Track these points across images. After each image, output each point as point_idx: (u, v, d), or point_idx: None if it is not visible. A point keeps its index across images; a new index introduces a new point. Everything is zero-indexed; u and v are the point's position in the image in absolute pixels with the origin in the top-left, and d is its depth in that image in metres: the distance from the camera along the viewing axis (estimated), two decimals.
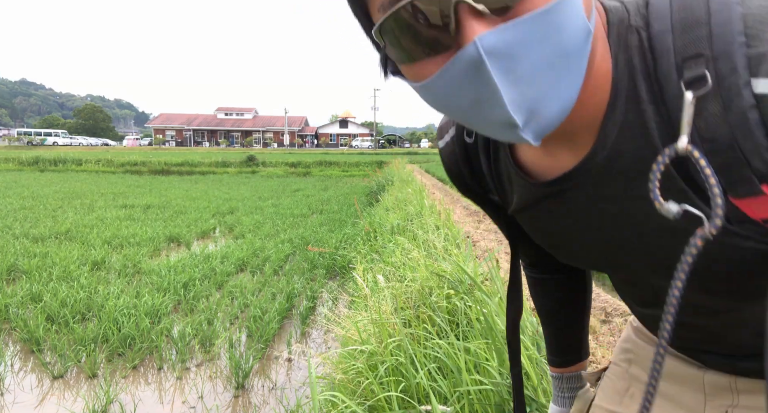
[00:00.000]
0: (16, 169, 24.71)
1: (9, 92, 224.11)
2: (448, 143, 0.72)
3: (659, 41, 0.44)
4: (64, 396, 3.34)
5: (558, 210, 0.58)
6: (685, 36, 0.43)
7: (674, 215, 0.43)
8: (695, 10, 0.43)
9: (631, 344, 0.83)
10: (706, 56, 0.41)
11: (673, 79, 0.43)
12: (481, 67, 0.38)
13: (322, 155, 34.64)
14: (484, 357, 1.95)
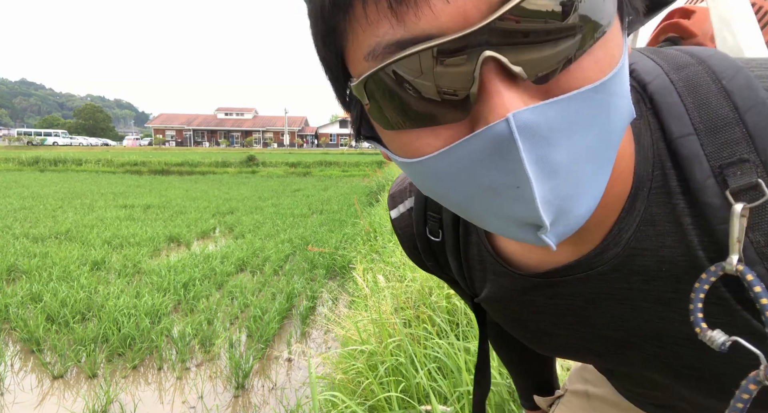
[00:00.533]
0: (16, 169, 24.71)
1: (9, 92, 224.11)
2: (403, 216, 0.64)
3: (683, 145, 0.39)
4: (64, 396, 3.34)
5: (544, 303, 0.52)
6: (715, 138, 0.37)
7: (720, 347, 0.37)
8: (717, 107, 0.38)
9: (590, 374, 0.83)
10: (752, 161, 0.36)
11: (711, 187, 0.37)
12: (511, 151, 0.30)
13: (322, 155, 34.64)
14: None
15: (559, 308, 0.51)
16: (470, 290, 0.61)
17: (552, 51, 0.29)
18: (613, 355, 0.52)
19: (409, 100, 0.32)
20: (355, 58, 0.34)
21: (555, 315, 0.52)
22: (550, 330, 0.54)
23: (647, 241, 0.41)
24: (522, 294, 0.53)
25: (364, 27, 0.31)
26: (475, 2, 0.28)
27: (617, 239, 0.43)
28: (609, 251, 0.43)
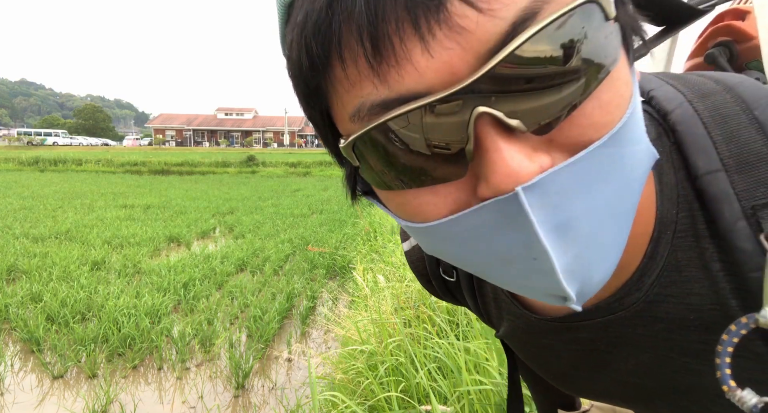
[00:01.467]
0: (16, 169, 24.71)
1: (9, 92, 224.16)
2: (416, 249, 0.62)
3: (710, 183, 0.35)
4: (64, 396, 3.34)
5: (563, 347, 0.49)
6: (747, 176, 0.34)
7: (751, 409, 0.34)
8: (748, 140, 0.34)
9: None
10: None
11: (742, 229, 0.34)
12: (524, 223, 0.28)
13: (322, 155, 34.61)
14: (484, 357, 1.95)
15: (579, 353, 0.48)
16: (489, 325, 0.60)
17: (551, 99, 0.27)
18: (641, 403, 0.49)
19: (401, 161, 0.30)
20: (341, 117, 0.32)
21: (575, 359, 0.49)
22: (571, 373, 0.52)
23: (672, 287, 0.39)
24: (540, 337, 0.50)
25: (346, 87, 0.29)
26: (461, 55, 0.26)
27: (639, 285, 0.40)
28: (630, 296, 0.41)
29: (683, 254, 0.37)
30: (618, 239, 0.32)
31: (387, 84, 0.27)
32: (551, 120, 0.27)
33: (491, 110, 0.27)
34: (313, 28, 0.28)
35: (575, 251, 0.29)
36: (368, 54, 0.27)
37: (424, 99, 0.27)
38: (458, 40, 0.26)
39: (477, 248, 0.31)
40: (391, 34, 0.26)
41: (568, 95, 0.27)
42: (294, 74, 0.32)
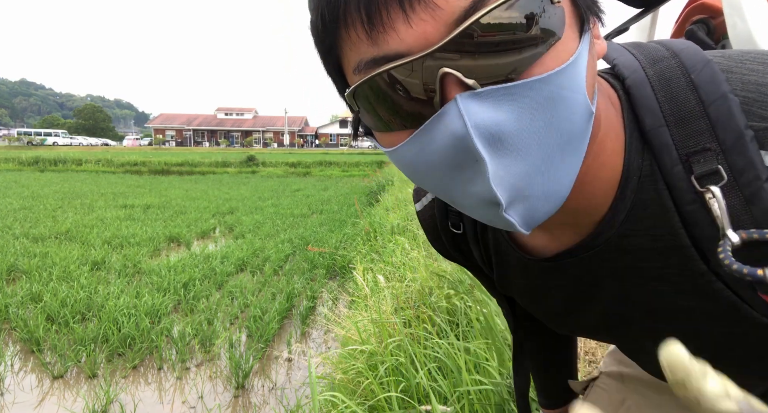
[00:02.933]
0: (16, 169, 24.70)
1: (9, 92, 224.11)
2: (426, 208, 0.68)
3: (655, 136, 0.43)
4: (64, 396, 3.34)
5: (555, 285, 0.56)
6: (683, 129, 0.41)
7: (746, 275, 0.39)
8: (685, 101, 0.41)
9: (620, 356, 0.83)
10: (713, 150, 0.40)
11: (679, 173, 0.42)
12: (463, 131, 0.34)
13: (322, 155, 34.62)
14: (484, 357, 1.95)
15: (568, 289, 0.55)
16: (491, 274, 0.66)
17: (502, 63, 0.34)
18: (622, 331, 0.56)
19: (388, 108, 0.38)
20: (348, 71, 0.40)
21: (566, 296, 0.56)
22: (564, 310, 0.59)
23: (639, 223, 0.45)
24: (535, 278, 0.57)
25: (350, 46, 0.37)
26: (434, 25, 0.34)
27: (612, 223, 0.47)
28: (606, 232, 0.47)
29: (646, 195, 0.45)
30: (554, 169, 0.38)
31: (377, 45, 0.35)
32: (500, 80, 0.35)
33: (452, 70, 0.34)
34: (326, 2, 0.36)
35: (506, 160, 0.35)
36: (364, 21, 0.35)
37: (403, 59, 0.35)
38: (432, 13, 0.33)
39: (435, 162, 0.38)
40: (380, 7, 0.34)
41: (516, 61, 0.34)
42: (314, 34, 0.40)
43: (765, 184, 0.38)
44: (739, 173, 0.39)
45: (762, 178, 0.38)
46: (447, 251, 0.70)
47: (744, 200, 0.39)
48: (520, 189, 0.37)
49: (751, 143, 0.38)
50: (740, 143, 0.39)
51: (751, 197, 0.39)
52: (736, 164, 0.39)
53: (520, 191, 0.37)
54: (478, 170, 0.35)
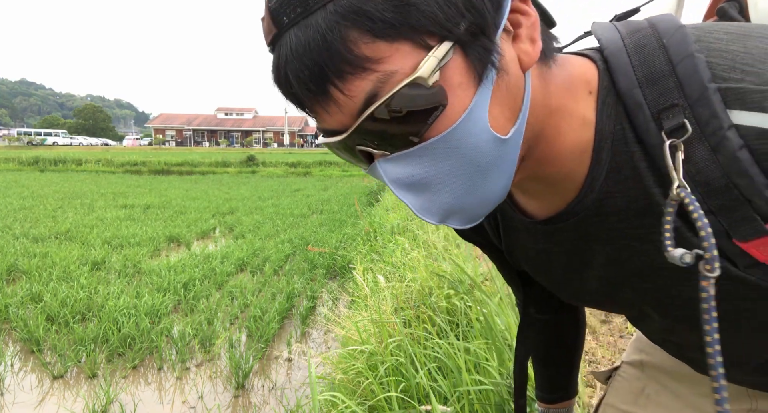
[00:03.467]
0: (16, 169, 24.70)
1: (9, 92, 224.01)
2: None
3: (629, 97, 0.46)
4: (64, 396, 3.34)
5: (554, 250, 0.60)
6: (654, 89, 0.44)
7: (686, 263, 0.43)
8: (656, 63, 0.44)
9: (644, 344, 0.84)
10: (681, 105, 0.43)
11: (652, 129, 0.45)
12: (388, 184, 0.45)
13: (322, 155, 34.59)
14: (484, 357, 1.95)
15: (565, 254, 0.59)
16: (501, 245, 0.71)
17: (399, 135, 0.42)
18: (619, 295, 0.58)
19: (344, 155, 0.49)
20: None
21: (565, 260, 0.60)
22: (565, 277, 0.63)
23: (616, 185, 0.49)
24: (536, 242, 0.62)
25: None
26: (345, 116, 0.43)
27: (592, 187, 0.50)
28: (587, 197, 0.51)
29: (620, 158, 0.48)
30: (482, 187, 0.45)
31: (318, 122, 0.47)
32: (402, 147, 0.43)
33: (364, 147, 0.45)
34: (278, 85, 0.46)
35: (428, 196, 0.45)
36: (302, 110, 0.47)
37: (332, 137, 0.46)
38: (340, 109, 0.43)
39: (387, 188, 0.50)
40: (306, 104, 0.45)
41: (409, 132, 0.42)
42: None
43: (727, 132, 0.40)
44: (705, 125, 0.42)
45: (724, 127, 0.41)
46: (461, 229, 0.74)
47: (710, 149, 0.42)
48: (450, 209, 0.46)
49: (714, 95, 0.41)
50: (704, 96, 0.41)
51: (717, 146, 0.41)
52: (701, 116, 0.42)
53: (449, 211, 0.46)
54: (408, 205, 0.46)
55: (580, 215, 0.53)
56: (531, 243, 0.63)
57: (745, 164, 0.40)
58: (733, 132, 0.40)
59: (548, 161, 0.50)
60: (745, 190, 0.41)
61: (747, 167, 0.40)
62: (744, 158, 0.40)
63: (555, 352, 0.94)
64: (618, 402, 0.85)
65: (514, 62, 0.44)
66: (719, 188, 0.42)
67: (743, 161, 0.40)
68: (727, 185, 0.42)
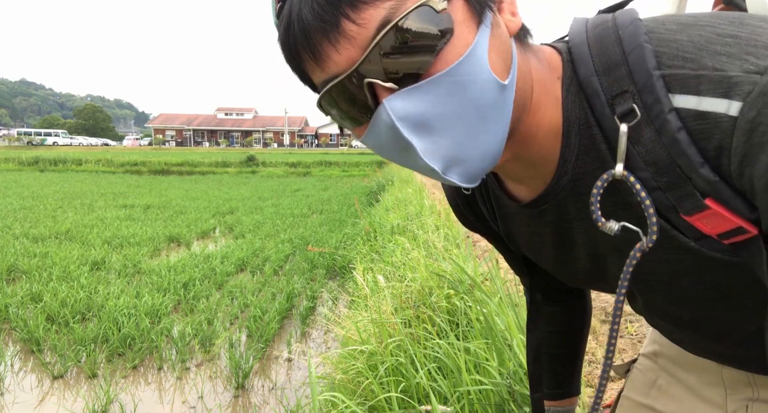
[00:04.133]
0: (16, 169, 24.70)
1: (9, 92, 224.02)
2: None
3: (587, 85, 0.50)
4: (64, 396, 3.34)
5: (544, 232, 0.63)
6: (608, 77, 0.48)
7: (615, 233, 0.50)
8: (611, 53, 0.48)
9: (658, 335, 0.85)
10: (630, 92, 0.46)
11: (607, 114, 0.48)
12: (392, 123, 0.44)
13: (322, 155, 34.61)
14: (484, 357, 1.95)
15: (554, 235, 0.62)
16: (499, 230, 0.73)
17: (410, 66, 0.44)
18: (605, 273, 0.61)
19: (344, 113, 0.49)
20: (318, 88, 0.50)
21: (554, 241, 0.63)
22: (558, 259, 0.66)
23: (585, 166, 0.52)
24: (526, 225, 0.65)
25: (310, 72, 0.49)
26: (355, 50, 0.44)
27: (565, 168, 0.54)
28: (562, 178, 0.55)
29: (586, 141, 0.51)
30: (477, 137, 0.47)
31: (324, 71, 0.47)
32: (412, 80, 0.44)
33: (373, 79, 0.44)
34: (283, 43, 0.48)
35: (433, 139, 0.46)
36: (310, 57, 0.47)
37: (340, 77, 0.46)
38: (351, 42, 0.44)
39: (387, 148, 0.49)
40: (316, 44, 0.45)
41: (419, 62, 0.44)
42: (288, 66, 0.51)
43: (668, 115, 0.44)
44: (650, 109, 0.45)
45: (665, 111, 0.44)
46: (464, 215, 0.78)
47: (656, 131, 0.45)
48: (453, 157, 0.47)
49: (657, 81, 0.44)
50: (650, 82, 0.45)
51: (660, 129, 0.45)
52: (647, 101, 0.45)
53: (453, 158, 0.47)
54: (413, 150, 0.45)
55: (558, 196, 0.56)
56: (523, 227, 0.66)
57: (683, 144, 0.44)
58: (674, 115, 0.44)
59: (529, 139, 0.53)
60: (685, 168, 0.44)
61: (685, 148, 0.44)
62: (682, 139, 0.44)
63: (560, 344, 0.94)
64: (633, 395, 0.86)
65: (503, 24, 0.49)
66: (665, 166, 0.46)
67: (681, 142, 0.44)
68: (671, 164, 0.45)
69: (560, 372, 0.95)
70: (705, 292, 0.53)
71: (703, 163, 0.43)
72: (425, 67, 0.44)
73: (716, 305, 0.54)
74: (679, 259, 0.50)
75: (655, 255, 0.51)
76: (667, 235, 0.49)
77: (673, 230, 0.49)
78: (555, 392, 0.96)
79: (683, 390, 0.78)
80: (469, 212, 0.76)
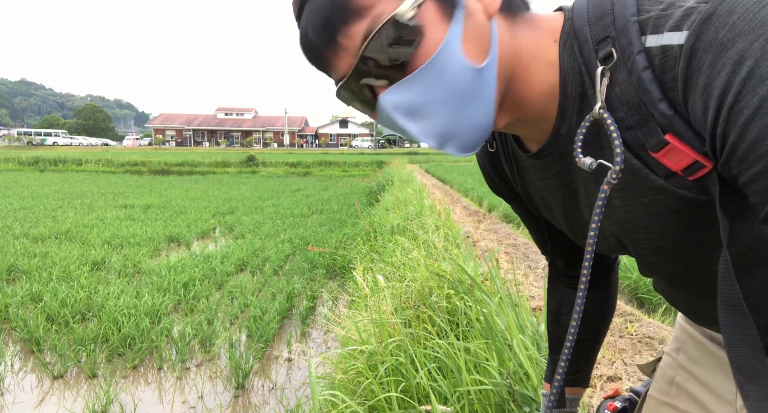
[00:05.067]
0: (16, 169, 24.70)
1: (9, 92, 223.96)
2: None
3: (580, 33, 0.54)
4: (64, 396, 3.34)
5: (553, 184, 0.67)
6: (597, 25, 0.52)
7: (589, 167, 0.53)
8: (603, 4, 0.52)
9: (679, 332, 0.85)
10: (612, 37, 0.50)
11: (593, 59, 0.52)
12: (390, 113, 0.53)
13: (322, 155, 34.61)
14: (484, 357, 1.95)
15: (559, 187, 0.66)
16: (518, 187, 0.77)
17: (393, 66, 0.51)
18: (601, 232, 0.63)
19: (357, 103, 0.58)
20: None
21: (560, 194, 0.67)
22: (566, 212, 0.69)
23: (581, 113, 0.55)
24: (538, 179, 0.69)
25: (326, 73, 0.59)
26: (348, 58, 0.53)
27: (564, 117, 0.57)
28: (562, 127, 0.58)
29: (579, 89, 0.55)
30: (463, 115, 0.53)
31: (333, 73, 0.57)
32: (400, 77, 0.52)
33: (366, 80, 0.54)
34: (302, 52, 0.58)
35: (425, 122, 0.53)
36: (320, 65, 0.58)
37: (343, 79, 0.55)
38: (345, 52, 0.53)
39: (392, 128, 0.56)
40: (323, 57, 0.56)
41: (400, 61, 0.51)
42: None
43: (636, 56, 0.47)
44: (624, 51, 0.49)
45: (635, 52, 0.48)
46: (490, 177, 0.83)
47: (627, 72, 0.49)
48: (445, 134, 0.54)
49: (633, 26, 0.48)
50: (626, 27, 0.49)
51: (631, 68, 0.48)
52: (622, 44, 0.49)
53: (445, 135, 0.54)
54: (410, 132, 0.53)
55: (560, 146, 0.60)
56: (536, 182, 0.70)
57: (645, 82, 0.47)
58: (642, 56, 0.47)
59: (523, 101, 0.57)
60: (648, 105, 0.48)
61: (647, 85, 0.47)
62: (645, 77, 0.47)
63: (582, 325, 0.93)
64: (655, 393, 0.87)
65: (479, 11, 0.53)
66: (635, 105, 0.49)
67: (644, 80, 0.47)
68: (639, 103, 0.49)
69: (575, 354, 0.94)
70: (682, 236, 0.55)
71: (662, 98, 0.47)
72: (405, 64, 0.51)
73: (695, 252, 0.56)
74: (652, 201, 0.53)
75: (630, 199, 0.55)
76: (639, 175, 0.52)
77: (644, 169, 0.52)
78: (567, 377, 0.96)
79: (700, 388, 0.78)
80: (494, 173, 0.81)
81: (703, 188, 0.49)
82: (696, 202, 0.50)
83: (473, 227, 6.65)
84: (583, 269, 0.57)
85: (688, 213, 0.52)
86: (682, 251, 0.57)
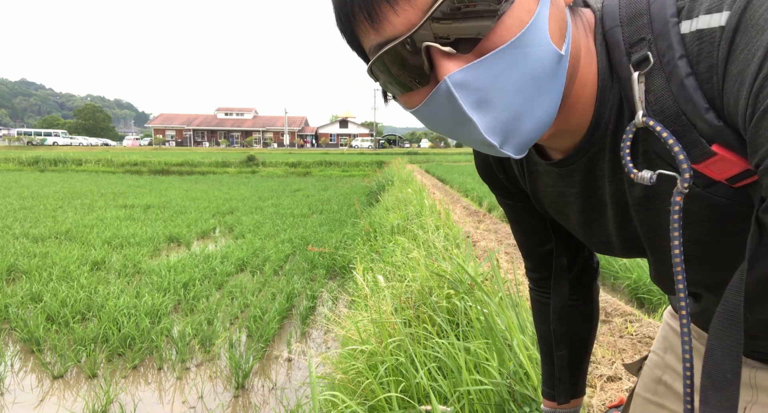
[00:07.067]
0: (16, 169, 24.70)
1: (9, 92, 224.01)
2: None
3: (611, 36, 0.50)
4: (64, 396, 3.34)
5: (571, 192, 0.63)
6: (630, 27, 0.48)
7: (649, 180, 0.49)
8: (637, 3, 0.48)
9: (667, 331, 0.85)
10: (648, 39, 0.46)
11: (624, 63, 0.48)
12: (454, 100, 0.44)
13: (322, 155, 34.61)
14: (484, 357, 1.95)
15: (581, 196, 0.62)
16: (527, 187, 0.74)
17: (469, 31, 0.42)
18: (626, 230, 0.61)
19: (395, 77, 0.47)
20: (369, 53, 0.48)
21: (580, 202, 0.63)
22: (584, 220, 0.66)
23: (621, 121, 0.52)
24: (554, 185, 0.65)
25: (362, 36, 0.47)
26: (415, 12, 0.42)
27: (599, 122, 0.53)
28: (596, 132, 0.54)
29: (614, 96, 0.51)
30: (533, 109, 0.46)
31: (379, 33, 0.45)
32: (471, 45, 0.43)
33: (431, 43, 0.43)
34: (338, 3, 0.47)
35: (492, 115, 0.45)
36: (366, 17, 0.44)
37: (397, 40, 0.44)
38: (410, 4, 0.42)
39: (441, 121, 0.48)
40: (374, 5, 0.43)
41: (480, 27, 0.42)
42: (338, 28, 0.50)
43: (678, 61, 0.43)
44: (662, 55, 0.45)
45: (676, 57, 0.44)
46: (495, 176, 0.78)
47: (665, 78, 0.45)
48: (510, 131, 0.46)
49: (673, 28, 0.44)
50: (665, 29, 0.44)
51: (670, 75, 0.45)
52: (660, 47, 0.45)
53: (510, 133, 0.46)
54: (474, 126, 0.45)
55: (590, 153, 0.56)
56: (550, 187, 0.66)
57: (689, 90, 0.43)
58: (684, 62, 0.43)
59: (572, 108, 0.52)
60: (690, 115, 0.44)
61: (691, 93, 0.43)
62: (689, 85, 0.43)
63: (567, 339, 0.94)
64: (642, 391, 0.86)
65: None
66: (672, 115, 0.45)
67: (688, 88, 0.43)
68: (677, 112, 0.45)
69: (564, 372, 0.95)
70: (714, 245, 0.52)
71: (708, 109, 0.43)
72: (485, 32, 0.42)
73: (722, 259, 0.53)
74: (687, 209, 0.49)
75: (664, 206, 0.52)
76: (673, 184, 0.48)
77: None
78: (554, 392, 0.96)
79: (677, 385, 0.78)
80: (501, 171, 0.76)
81: (748, 196, 0.46)
82: (735, 210, 0.48)
83: (473, 227, 6.65)
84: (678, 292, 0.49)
85: (725, 220, 0.49)
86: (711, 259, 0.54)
